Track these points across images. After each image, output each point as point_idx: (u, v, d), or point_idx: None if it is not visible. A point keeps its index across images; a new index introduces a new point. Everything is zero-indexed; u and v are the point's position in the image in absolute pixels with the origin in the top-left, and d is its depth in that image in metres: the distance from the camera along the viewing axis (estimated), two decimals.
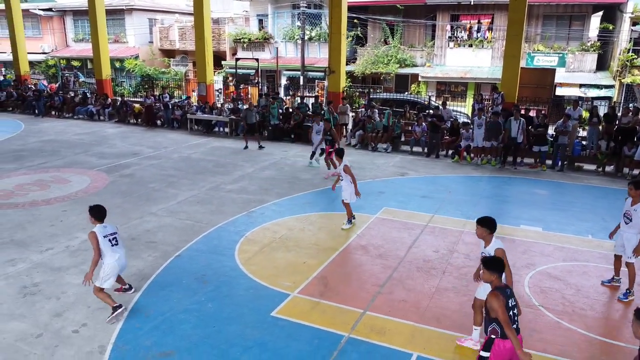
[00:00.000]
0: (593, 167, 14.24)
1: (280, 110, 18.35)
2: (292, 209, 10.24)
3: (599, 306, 6.57)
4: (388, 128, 16.24)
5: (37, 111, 22.58)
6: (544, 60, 24.15)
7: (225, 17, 34.07)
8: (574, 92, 23.20)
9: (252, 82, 28.47)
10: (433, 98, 22.57)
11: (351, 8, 21.73)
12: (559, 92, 23.66)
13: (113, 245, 6.01)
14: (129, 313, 6.20)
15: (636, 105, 13.92)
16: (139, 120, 20.89)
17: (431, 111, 17.14)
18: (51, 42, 36.43)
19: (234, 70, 24.81)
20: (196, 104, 20.79)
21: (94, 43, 23.08)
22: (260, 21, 31.56)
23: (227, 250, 8.13)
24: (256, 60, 23.37)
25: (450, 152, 15.50)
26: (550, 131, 14.93)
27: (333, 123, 16.87)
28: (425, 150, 15.74)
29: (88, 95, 23.86)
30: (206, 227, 9.08)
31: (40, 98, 22.71)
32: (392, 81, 27.81)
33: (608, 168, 14.03)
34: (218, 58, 28.49)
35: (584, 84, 23.47)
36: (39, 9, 35.40)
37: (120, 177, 12.44)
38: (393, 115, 16.86)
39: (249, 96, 27.27)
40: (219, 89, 26.62)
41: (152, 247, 8.20)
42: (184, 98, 22.99)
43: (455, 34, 26.84)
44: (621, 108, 15.21)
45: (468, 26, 26.43)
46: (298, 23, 28.27)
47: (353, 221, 9.24)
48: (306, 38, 27.37)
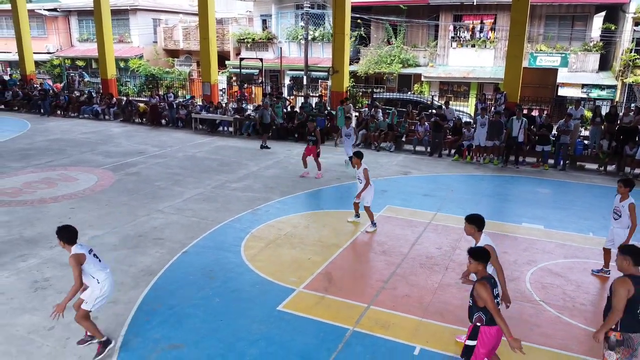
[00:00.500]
0: (595, 167, 14.34)
1: (284, 109, 18.49)
2: (297, 207, 10.38)
3: (599, 301, 6.67)
4: (393, 127, 16.36)
5: (43, 110, 22.76)
6: (547, 60, 24.23)
7: (229, 17, 34.24)
8: (577, 93, 23.28)
9: (256, 82, 28.62)
10: (436, 98, 22.69)
11: (354, 8, 21.86)
12: (562, 92, 23.73)
13: (100, 260, 5.41)
14: (137, 307, 6.33)
15: (637, 105, 13.95)
16: (144, 119, 21.05)
17: (434, 111, 17.25)
18: (56, 42, 36.67)
19: (238, 70, 24.94)
20: (200, 104, 20.95)
21: (99, 43, 23.27)
22: (263, 21, 31.72)
23: (233, 246, 8.27)
24: (260, 60, 23.52)
25: (452, 152, 15.62)
26: (553, 131, 15.02)
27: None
28: (428, 149, 15.86)
29: (93, 94, 24.04)
30: (212, 224, 9.22)
31: (46, 97, 22.91)
32: (395, 81, 27.94)
33: (610, 167, 14.13)
34: (222, 58, 28.64)
35: (587, 84, 23.55)
36: (44, 9, 35.65)
37: (126, 176, 12.59)
38: (397, 115, 17.00)
39: (253, 96, 27.43)
40: (223, 89, 26.80)
41: (159, 244, 8.34)
42: (188, 98, 23.14)
43: (458, 34, 26.94)
44: (623, 108, 15.28)
45: (471, 26, 26.54)
46: (301, 23, 28.41)
47: (357, 219, 9.39)
48: (309, 38, 27.50)
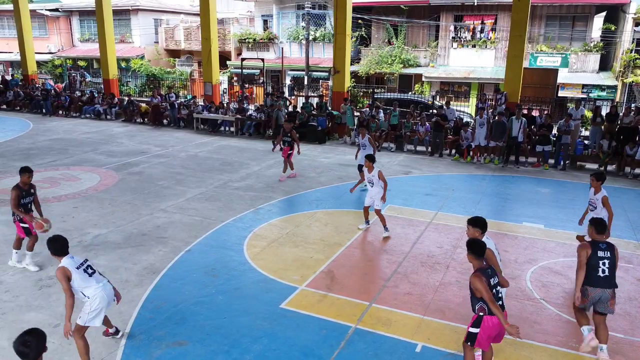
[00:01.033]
0: (595, 166, 14.38)
1: (285, 109, 18.55)
2: (299, 206, 10.45)
3: None
4: (396, 127, 16.44)
5: (45, 110, 22.84)
6: (547, 60, 24.30)
7: (230, 18, 34.33)
8: (577, 93, 23.35)
9: (257, 82, 28.70)
10: (437, 98, 22.76)
11: (355, 9, 21.93)
12: (562, 93, 23.80)
13: (91, 275, 5.12)
14: (141, 305, 6.40)
15: (638, 105, 14.01)
16: (146, 119, 21.12)
17: (434, 111, 17.32)
18: (57, 42, 36.78)
19: (239, 70, 25.02)
20: (202, 104, 21.02)
21: (101, 43, 23.34)
22: (265, 22, 31.79)
23: (236, 245, 8.34)
24: (262, 60, 23.58)
25: (452, 151, 15.69)
26: (553, 131, 15.09)
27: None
28: (428, 149, 15.93)
29: (95, 94, 24.12)
30: (215, 223, 9.29)
31: (47, 97, 22.98)
32: (396, 81, 28.01)
33: (610, 167, 14.19)
34: (223, 58, 28.71)
35: (587, 84, 23.62)
36: (46, 10, 35.75)
37: (129, 175, 12.66)
38: (399, 114, 17.07)
39: (254, 96, 27.51)
40: (224, 89, 26.88)
41: (163, 242, 8.41)
42: (189, 98, 23.22)
43: (458, 35, 27.01)
44: (623, 108, 15.34)
45: (471, 27, 26.61)
46: (302, 23, 28.48)
47: (367, 225, 9.18)
48: (310, 38, 27.58)
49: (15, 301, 6.47)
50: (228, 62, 30.88)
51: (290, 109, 19.29)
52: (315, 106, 19.27)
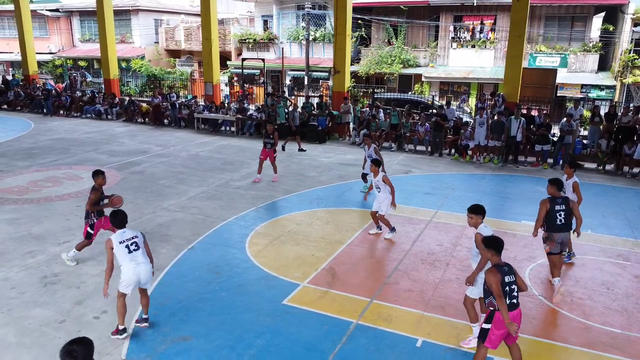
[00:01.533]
0: (594, 166, 14.51)
1: (286, 109, 18.62)
2: (300, 205, 10.54)
3: (597, 296, 6.83)
4: (397, 126, 16.53)
5: (46, 110, 22.93)
6: (546, 60, 24.41)
7: (230, 18, 34.42)
8: (576, 93, 23.46)
9: (258, 82, 28.78)
10: (436, 98, 22.86)
11: (355, 9, 22.03)
12: (561, 93, 23.90)
13: (132, 251, 5.55)
14: None
15: (636, 104, 14.12)
16: (147, 119, 21.21)
17: (434, 111, 17.41)
18: (58, 43, 36.86)
19: (240, 70, 25.10)
20: (202, 104, 21.11)
21: (102, 43, 23.44)
22: (265, 22, 31.89)
23: (238, 243, 8.43)
24: (262, 60, 23.67)
25: (452, 151, 15.79)
26: (553, 130, 15.19)
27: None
28: (428, 148, 16.02)
29: (96, 94, 24.20)
30: (217, 222, 9.37)
31: (48, 97, 23.06)
32: (396, 81, 28.11)
33: (608, 166, 14.29)
34: (223, 58, 28.80)
35: (586, 84, 23.72)
36: (46, 10, 35.82)
37: (131, 174, 12.74)
38: (399, 114, 17.18)
39: (254, 96, 27.58)
40: (226, 94, 26.97)
41: (166, 240, 8.49)
42: (190, 98, 23.31)
43: (458, 35, 27.12)
44: (622, 108, 15.45)
45: (471, 27, 26.72)
46: (303, 24, 28.56)
47: (379, 231, 8.95)
48: (311, 39, 27.67)
49: (21, 297, 6.55)
50: (228, 62, 30.98)
51: (291, 109, 19.34)
52: (315, 106, 19.36)
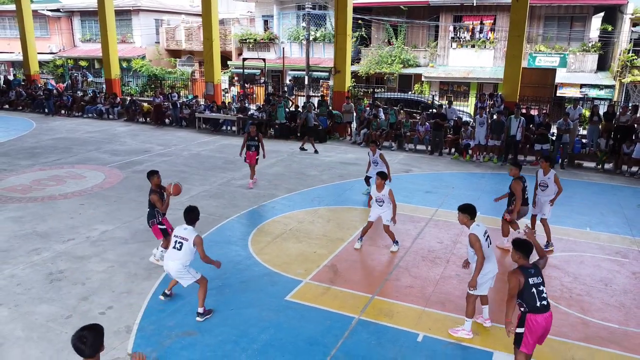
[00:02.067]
0: (592, 165, 14.61)
1: (287, 109, 18.75)
2: (301, 203, 10.63)
3: (595, 292, 6.93)
4: (395, 125, 16.62)
5: (47, 110, 23.02)
6: (546, 60, 24.51)
7: (230, 18, 34.51)
8: (575, 92, 23.57)
9: (258, 82, 28.88)
10: (436, 98, 22.96)
11: (355, 9, 22.12)
12: (560, 92, 24.01)
13: (174, 248, 5.95)
14: (151, 297, 6.58)
15: (634, 103, 14.23)
16: (148, 119, 21.31)
17: (434, 110, 17.51)
18: (59, 43, 36.94)
19: (240, 70, 25.20)
20: (203, 103, 21.20)
21: (103, 43, 23.54)
22: (265, 22, 31.99)
23: (241, 240, 8.53)
24: (263, 60, 23.77)
25: (452, 150, 15.89)
26: (552, 130, 15.29)
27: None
28: (428, 148, 16.12)
29: (97, 94, 24.30)
30: (219, 220, 9.47)
31: (50, 97, 23.15)
32: (396, 81, 28.21)
33: (607, 165, 14.39)
34: (224, 58, 28.91)
35: (585, 84, 23.83)
36: (47, 10, 35.91)
37: (133, 173, 12.83)
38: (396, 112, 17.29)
39: (254, 96, 27.69)
40: (225, 89, 27.06)
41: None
42: (191, 97, 23.40)
43: (458, 35, 27.21)
44: (620, 107, 15.54)
45: (471, 27, 26.81)
46: (303, 24, 28.66)
47: (361, 244, 8.45)
48: (311, 39, 27.76)
49: (27, 294, 6.65)
50: (229, 62, 31.08)
51: (292, 109, 19.46)
52: (316, 106, 19.46)
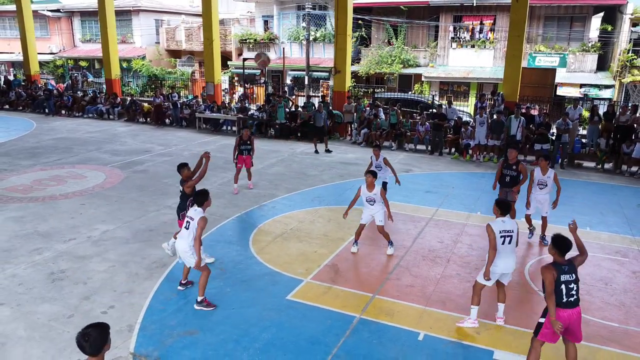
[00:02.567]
0: (592, 165, 14.64)
1: (287, 109, 18.77)
2: (302, 203, 10.65)
3: (595, 291, 6.96)
4: (396, 126, 16.64)
5: (48, 110, 23.04)
6: (545, 60, 24.53)
7: (230, 18, 34.53)
8: (575, 92, 23.59)
9: (258, 82, 28.90)
10: (436, 98, 22.99)
11: (355, 9, 22.13)
12: (560, 92, 24.03)
13: (186, 228, 6.32)
14: (152, 297, 6.60)
15: (634, 103, 14.25)
16: (148, 119, 21.33)
17: (434, 110, 17.54)
18: (59, 43, 36.95)
19: (241, 70, 25.21)
20: (204, 103, 21.21)
21: (104, 43, 23.56)
22: (265, 22, 32.01)
23: (242, 240, 8.55)
24: None
25: (452, 150, 15.92)
26: (552, 130, 15.31)
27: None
28: (428, 148, 16.15)
29: (97, 94, 24.32)
30: (220, 219, 9.49)
31: (50, 97, 23.17)
32: (396, 81, 28.23)
33: (607, 165, 14.41)
34: (224, 58, 28.91)
35: (585, 84, 23.86)
36: (47, 10, 35.93)
37: (134, 173, 12.86)
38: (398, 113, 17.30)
39: (255, 96, 27.71)
40: (225, 89, 27.07)
41: (170, 238, 8.56)
42: (191, 98, 23.42)
43: (457, 35, 27.24)
44: (620, 107, 15.56)
45: (470, 27, 26.83)
46: (303, 24, 28.68)
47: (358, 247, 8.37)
48: (311, 39, 27.78)
49: (29, 293, 6.67)
50: (229, 63, 31.09)
51: (292, 109, 19.47)
52: (316, 106, 19.46)
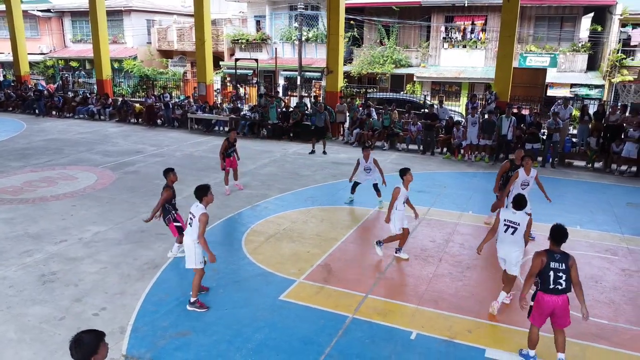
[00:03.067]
0: (583, 164, 14.76)
1: (279, 109, 18.76)
2: (295, 203, 10.65)
3: (585, 289, 6.79)
4: (388, 126, 16.67)
5: (38, 111, 22.88)
6: (536, 60, 24.71)
7: (222, 18, 34.46)
8: (565, 92, 23.78)
9: (251, 82, 28.87)
10: (428, 98, 23.07)
11: (347, 9, 22.14)
12: (551, 92, 24.21)
13: (189, 225, 6.29)
14: (144, 298, 6.58)
15: (624, 103, 14.39)
16: (140, 119, 21.24)
17: (426, 110, 17.59)
18: (49, 43, 36.71)
19: (233, 70, 25.18)
20: (195, 104, 21.15)
21: (95, 43, 23.43)
22: (257, 22, 31.97)
23: (235, 240, 8.54)
24: (255, 60, 23.77)
25: (444, 150, 15.98)
26: (543, 129, 15.42)
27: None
28: (420, 148, 16.20)
29: (88, 95, 24.17)
30: (213, 220, 9.41)
31: (41, 98, 23.01)
32: (388, 81, 28.31)
33: (597, 164, 14.54)
34: (216, 58, 28.84)
35: (575, 84, 24.06)
36: (37, 10, 35.67)
37: (125, 174, 12.80)
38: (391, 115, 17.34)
39: (247, 96, 27.67)
40: (217, 89, 27.03)
41: (162, 239, 8.56)
42: (183, 98, 23.34)
43: (449, 35, 27.36)
44: (610, 106, 15.70)
45: (462, 27, 26.96)
46: (295, 24, 28.68)
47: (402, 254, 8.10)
48: (303, 39, 27.79)
49: (19, 295, 6.62)
50: (221, 63, 31.03)
51: (284, 109, 19.46)
52: (309, 106, 19.49)
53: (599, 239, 8.95)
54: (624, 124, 14.27)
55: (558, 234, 5.11)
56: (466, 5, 25.86)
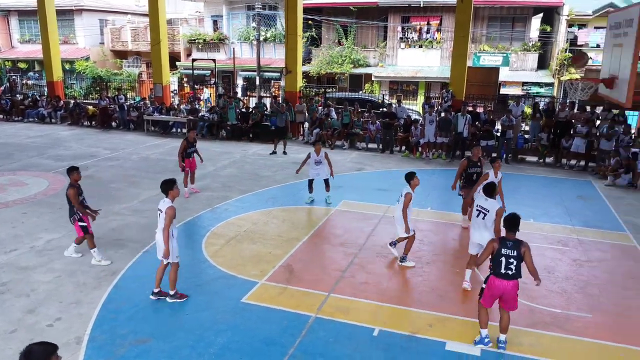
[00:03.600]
0: (535, 159, 15.31)
1: (238, 110, 18.57)
2: (255, 205, 10.58)
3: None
4: (348, 125, 16.78)
5: None
6: (489, 59, 25.42)
7: (178, 18, 33.84)
8: (517, 90, 24.59)
9: (209, 83, 28.46)
10: (386, 97, 23.37)
11: (305, 9, 22.15)
12: (504, 90, 24.96)
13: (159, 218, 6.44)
14: (101, 306, 6.39)
15: (572, 100, 15.00)
16: (93, 122, 20.59)
17: (384, 109, 17.81)
18: None
19: (190, 71, 24.76)
20: (152, 105, 20.69)
21: (44, 44, 22.53)
22: (214, 22, 31.54)
23: (195, 244, 8.40)
24: (213, 61, 23.46)
25: (403, 148, 16.23)
26: (497, 126, 15.88)
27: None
28: (380, 146, 16.40)
29: (38, 97, 23.23)
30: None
31: None
32: (347, 81, 28.50)
33: (548, 159, 15.11)
34: (172, 59, 28.28)
35: (527, 82, 24.90)
36: None
37: None
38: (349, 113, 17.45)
39: (210, 101, 27.27)
40: (174, 90, 26.51)
41: (119, 245, 8.35)
42: (138, 100, 22.77)
43: (406, 35, 27.77)
44: (559, 104, 16.32)
45: (418, 27, 27.43)
46: (253, 24, 28.47)
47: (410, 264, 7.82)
48: (261, 39, 27.62)
49: None
50: (178, 63, 30.44)
51: (243, 110, 19.29)
52: (268, 106, 19.40)
53: (552, 231, 9.31)
54: (573, 120, 14.88)
55: (509, 222, 5.42)
56: (422, 5, 26.33)
